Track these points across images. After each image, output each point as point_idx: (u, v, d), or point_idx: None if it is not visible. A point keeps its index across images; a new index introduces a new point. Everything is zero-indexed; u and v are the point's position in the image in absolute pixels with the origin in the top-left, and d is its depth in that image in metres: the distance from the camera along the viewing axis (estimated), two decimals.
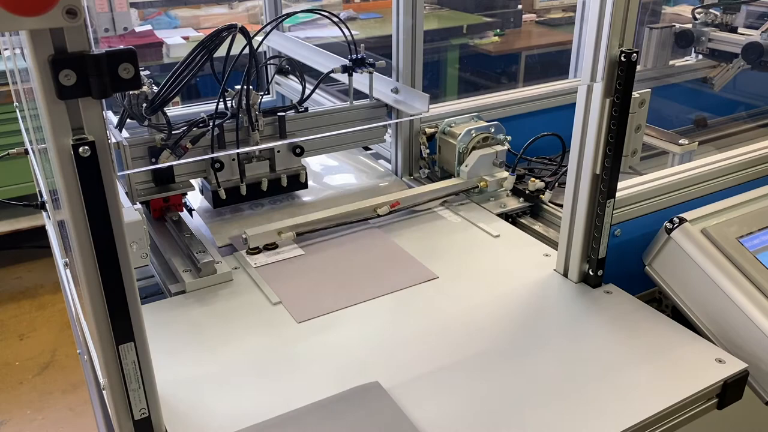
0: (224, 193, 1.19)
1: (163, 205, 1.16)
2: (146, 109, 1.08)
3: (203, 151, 1.14)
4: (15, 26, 0.51)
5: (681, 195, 1.08)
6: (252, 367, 0.87)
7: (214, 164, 1.15)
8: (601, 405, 0.80)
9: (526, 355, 0.88)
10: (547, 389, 0.82)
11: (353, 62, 1.28)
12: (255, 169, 1.20)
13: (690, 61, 1.86)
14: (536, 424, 0.77)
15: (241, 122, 1.15)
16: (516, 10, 3.58)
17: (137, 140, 1.12)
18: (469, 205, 1.29)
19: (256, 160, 1.20)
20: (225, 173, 1.18)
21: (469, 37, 3.34)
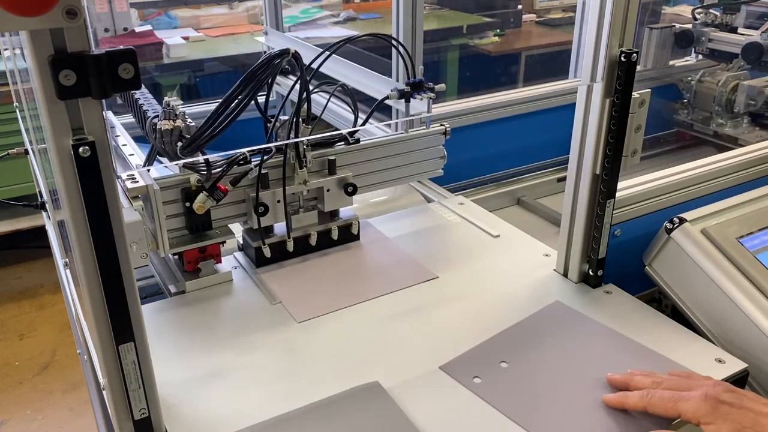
0: (269, 251, 1.04)
1: (199, 256, 1.02)
2: (182, 148, 0.93)
3: (243, 192, 1.01)
4: (15, 26, 0.51)
5: (681, 195, 1.08)
6: (252, 367, 0.87)
7: (257, 208, 1.00)
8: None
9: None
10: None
11: (411, 86, 1.13)
12: (302, 221, 1.06)
13: (690, 61, 1.86)
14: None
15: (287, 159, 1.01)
16: (516, 11, 3.58)
17: (169, 182, 0.96)
18: (468, 205, 1.29)
19: (303, 211, 1.06)
20: (269, 218, 1.02)
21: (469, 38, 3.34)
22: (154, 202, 0.93)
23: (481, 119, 1.49)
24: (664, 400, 0.72)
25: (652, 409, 0.73)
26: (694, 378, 0.76)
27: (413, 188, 1.36)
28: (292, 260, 1.09)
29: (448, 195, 1.34)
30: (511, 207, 1.50)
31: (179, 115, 0.95)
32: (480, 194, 1.46)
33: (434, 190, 1.36)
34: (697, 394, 0.71)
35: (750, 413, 0.68)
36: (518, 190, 1.51)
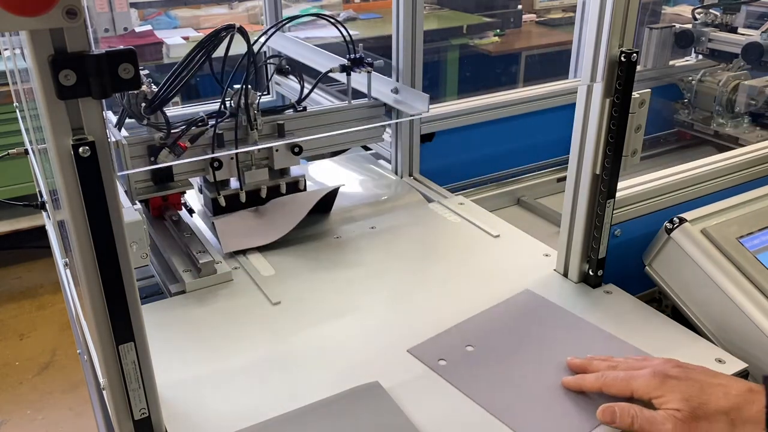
0: (224, 200, 1.19)
1: (162, 204, 1.16)
2: (145, 108, 1.08)
3: (202, 150, 1.15)
4: (15, 26, 0.51)
5: (681, 195, 1.08)
6: (252, 367, 0.87)
7: (213, 163, 1.15)
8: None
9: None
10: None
11: (351, 62, 1.28)
12: (254, 176, 1.20)
13: (690, 61, 1.86)
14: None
15: (240, 122, 1.15)
16: (516, 11, 3.58)
17: (136, 139, 1.11)
18: (468, 205, 1.30)
19: (255, 167, 1.20)
20: (223, 173, 1.17)
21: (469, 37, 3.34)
22: (123, 156, 1.06)
23: (481, 119, 1.49)
24: (617, 380, 0.75)
25: (607, 389, 0.76)
26: (647, 360, 0.79)
27: (413, 188, 1.36)
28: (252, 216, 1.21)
29: (448, 195, 1.34)
30: (511, 207, 1.50)
31: (144, 82, 1.09)
32: (480, 194, 1.46)
33: (434, 190, 1.36)
34: (646, 372, 0.74)
35: (696, 384, 0.71)
36: (518, 190, 1.51)
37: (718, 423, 0.68)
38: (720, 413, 0.68)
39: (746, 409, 0.68)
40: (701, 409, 0.69)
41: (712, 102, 1.69)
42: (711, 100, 1.70)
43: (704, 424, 0.68)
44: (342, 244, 1.17)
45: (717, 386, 0.71)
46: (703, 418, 0.68)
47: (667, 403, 0.70)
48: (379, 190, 1.36)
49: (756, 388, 0.70)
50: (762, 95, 1.58)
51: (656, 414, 0.70)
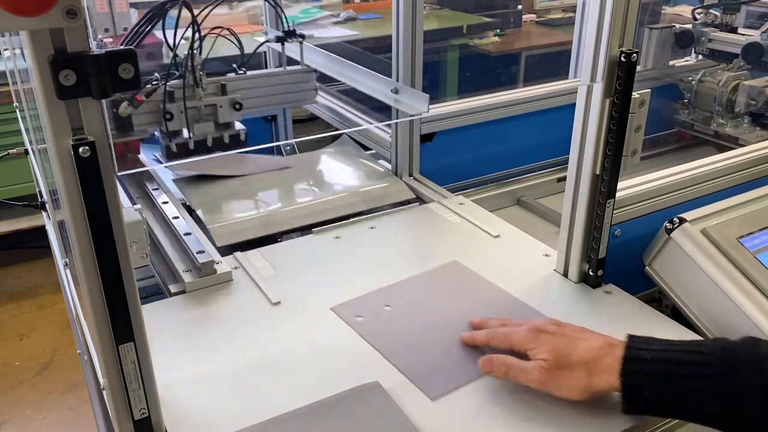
0: (175, 147, 1.35)
1: (123, 149, 1.34)
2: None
3: (157, 105, 1.30)
4: (15, 26, 0.51)
5: (681, 195, 1.08)
6: (252, 366, 0.87)
7: (165, 115, 1.31)
8: (601, 405, 0.80)
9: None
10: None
11: (285, 33, 1.51)
12: (202, 129, 1.36)
13: (690, 61, 1.86)
14: (536, 424, 0.77)
15: (187, 81, 1.31)
16: (516, 11, 3.57)
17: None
18: (468, 205, 1.30)
19: (203, 121, 1.36)
20: (174, 124, 1.33)
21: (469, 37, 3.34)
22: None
23: (481, 119, 1.49)
24: (501, 335, 0.85)
25: (493, 343, 0.86)
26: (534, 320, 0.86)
27: (412, 188, 1.36)
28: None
29: (448, 195, 1.34)
30: (511, 207, 1.50)
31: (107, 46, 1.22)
32: (480, 194, 1.46)
33: (434, 190, 1.36)
34: (525, 327, 0.83)
35: (565, 338, 0.79)
36: (518, 190, 1.51)
37: (578, 371, 0.75)
38: (581, 363, 0.76)
39: (603, 360, 0.75)
40: (565, 359, 0.77)
41: (712, 102, 1.69)
42: (711, 100, 1.70)
43: (566, 372, 0.76)
44: (342, 244, 1.17)
45: (582, 341, 0.78)
46: (566, 367, 0.76)
47: (537, 354, 0.79)
48: (379, 190, 1.36)
49: (615, 343, 0.76)
50: (762, 95, 1.58)
51: (527, 364, 0.79)
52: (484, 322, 0.91)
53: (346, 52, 1.30)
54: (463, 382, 0.83)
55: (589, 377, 0.75)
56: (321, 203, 1.30)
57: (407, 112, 1.25)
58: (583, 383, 0.75)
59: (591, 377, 0.75)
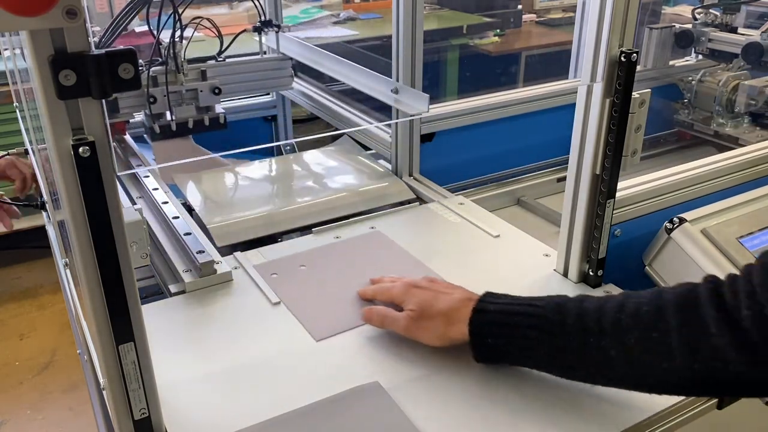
0: (158, 129, 1.40)
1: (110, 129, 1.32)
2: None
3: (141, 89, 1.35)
4: (15, 26, 0.51)
5: (681, 195, 1.08)
6: (252, 367, 0.87)
7: (149, 99, 1.37)
8: (601, 405, 0.80)
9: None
10: (547, 389, 0.82)
11: (262, 23, 1.61)
12: (183, 112, 1.42)
13: (690, 61, 1.86)
14: (536, 424, 0.77)
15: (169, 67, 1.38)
16: (516, 11, 3.57)
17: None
18: (468, 205, 1.30)
19: (185, 104, 1.42)
20: (158, 107, 1.38)
21: (469, 37, 3.34)
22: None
23: (481, 119, 1.49)
24: (383, 290, 0.96)
25: (379, 297, 0.97)
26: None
27: (412, 188, 1.36)
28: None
29: (448, 195, 1.34)
30: (511, 207, 1.50)
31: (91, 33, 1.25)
32: (480, 194, 1.46)
33: (434, 190, 1.36)
34: (401, 283, 0.93)
35: (432, 293, 0.88)
36: (518, 190, 1.51)
37: (437, 321, 0.85)
38: (440, 314, 0.85)
39: (459, 311, 0.83)
40: (428, 311, 0.86)
41: (712, 102, 1.69)
42: (711, 100, 1.70)
43: (428, 321, 0.86)
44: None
45: (446, 295, 0.87)
46: (428, 317, 0.86)
47: (407, 305, 0.89)
48: (379, 190, 1.36)
49: (473, 297, 0.85)
50: (762, 95, 1.58)
51: (397, 314, 0.90)
52: (378, 279, 1.02)
53: (347, 52, 1.30)
54: (347, 327, 0.94)
55: (446, 326, 0.84)
56: (321, 203, 1.30)
57: (407, 112, 1.26)
58: (440, 331, 0.85)
59: (447, 326, 0.84)
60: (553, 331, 0.76)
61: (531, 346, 0.78)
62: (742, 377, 0.65)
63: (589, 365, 0.75)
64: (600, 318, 0.73)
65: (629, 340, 0.70)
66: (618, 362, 0.72)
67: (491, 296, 0.84)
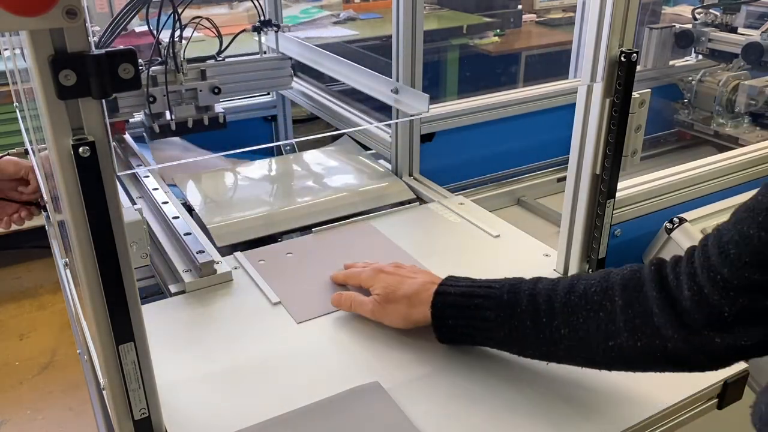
0: (158, 128, 1.40)
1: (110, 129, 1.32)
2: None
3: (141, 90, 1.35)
4: (15, 26, 0.51)
5: (681, 195, 1.08)
6: (252, 367, 0.87)
7: (148, 98, 1.36)
8: (601, 405, 0.80)
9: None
10: (547, 389, 0.82)
11: (261, 23, 1.61)
12: (183, 111, 1.41)
13: (690, 61, 1.86)
14: (536, 425, 0.77)
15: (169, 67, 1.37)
16: (516, 11, 3.57)
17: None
18: (468, 205, 1.29)
19: (184, 104, 1.42)
20: (157, 106, 1.37)
21: (469, 38, 3.33)
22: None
23: (481, 119, 1.49)
24: (353, 274, 0.99)
25: (349, 282, 1.01)
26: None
27: (412, 188, 1.36)
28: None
29: (448, 195, 1.34)
30: (511, 207, 1.50)
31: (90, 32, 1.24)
32: (480, 194, 1.46)
33: (434, 190, 1.36)
34: (369, 268, 0.97)
35: (398, 277, 0.92)
36: (518, 190, 1.51)
37: (401, 304, 0.89)
38: (404, 297, 0.89)
39: (422, 294, 0.87)
40: (393, 294, 0.90)
41: (712, 102, 1.69)
42: (711, 100, 1.70)
43: (392, 304, 0.90)
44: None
45: (410, 279, 0.91)
46: (392, 300, 0.90)
47: (374, 290, 0.93)
48: (379, 190, 1.36)
49: (436, 281, 0.88)
50: (762, 95, 1.58)
51: (364, 298, 0.94)
52: (351, 265, 1.05)
53: (347, 52, 1.30)
54: (326, 311, 0.98)
55: (409, 309, 0.88)
56: (321, 203, 1.30)
57: (407, 112, 1.26)
58: (403, 313, 0.88)
59: (410, 308, 0.88)
60: (508, 313, 0.79)
61: (489, 328, 0.81)
62: (680, 354, 0.68)
63: (541, 344, 0.78)
64: (551, 298, 0.76)
65: (577, 320, 0.74)
66: (568, 341, 0.75)
67: (453, 279, 0.88)
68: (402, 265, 0.98)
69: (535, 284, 0.80)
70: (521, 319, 0.78)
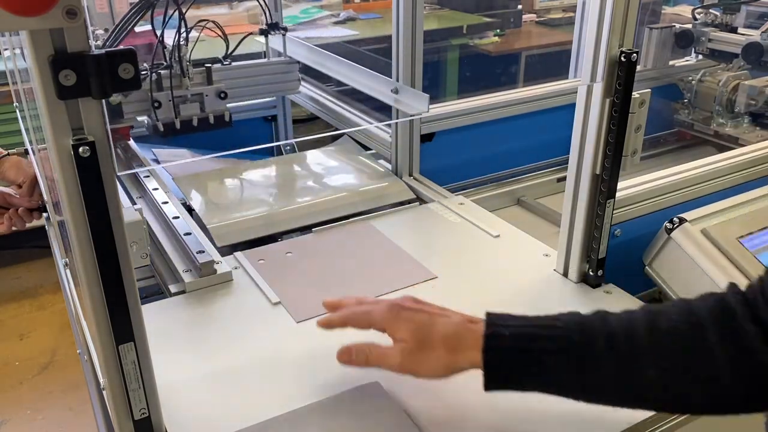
0: (162, 126, 1.38)
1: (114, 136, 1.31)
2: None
3: (146, 94, 1.34)
4: (15, 26, 0.51)
5: (681, 195, 1.08)
6: (252, 367, 0.87)
7: (153, 103, 1.35)
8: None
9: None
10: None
11: (268, 26, 1.59)
12: (188, 110, 1.40)
13: (690, 61, 1.86)
14: (536, 424, 0.77)
15: (174, 71, 1.36)
16: (516, 10, 3.57)
17: None
18: (468, 205, 1.29)
19: (189, 102, 1.41)
20: (163, 111, 1.36)
21: (469, 37, 3.33)
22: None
23: (481, 119, 1.49)
24: (360, 314, 0.81)
25: (351, 323, 0.81)
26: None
27: (412, 188, 1.36)
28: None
29: (448, 195, 1.34)
30: (511, 207, 1.50)
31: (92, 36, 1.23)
32: (480, 194, 1.46)
33: (434, 190, 1.36)
34: (383, 305, 0.79)
35: (426, 314, 0.77)
36: (518, 190, 1.51)
37: (440, 350, 0.73)
38: (441, 341, 0.74)
39: (465, 337, 0.73)
40: (427, 339, 0.74)
41: (712, 102, 1.69)
42: (711, 100, 1.70)
43: (428, 351, 0.74)
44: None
45: (442, 317, 0.76)
46: (427, 347, 0.74)
47: (398, 333, 0.76)
48: (379, 190, 1.36)
49: (475, 320, 0.74)
50: (762, 95, 1.58)
51: (387, 349, 0.76)
52: (338, 302, 0.85)
53: (347, 52, 1.30)
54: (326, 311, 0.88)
55: (451, 355, 0.73)
56: (321, 203, 1.30)
57: (407, 112, 1.26)
58: (445, 361, 0.74)
59: (453, 355, 0.73)
60: (581, 357, 0.69)
61: (556, 372, 0.70)
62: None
63: (625, 390, 0.69)
64: (632, 338, 0.67)
65: (668, 361, 0.66)
66: (658, 385, 0.66)
67: (498, 317, 0.74)
68: (419, 300, 0.81)
69: (605, 321, 0.71)
70: (599, 363, 0.68)
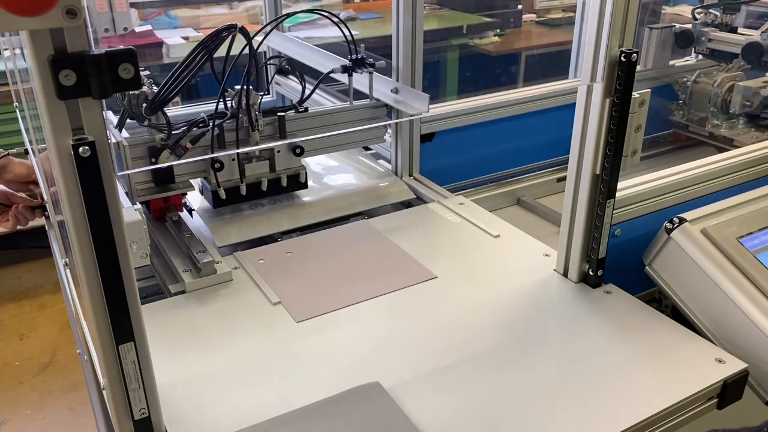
0: (224, 193, 1.18)
1: (163, 206, 1.17)
2: (146, 109, 1.09)
3: (203, 151, 1.14)
4: (15, 26, 0.51)
5: (681, 195, 1.08)
6: (252, 367, 0.87)
7: (214, 164, 1.15)
8: (601, 405, 0.80)
9: (525, 356, 0.88)
10: (547, 389, 0.82)
11: (353, 62, 1.28)
12: (255, 169, 1.20)
13: (690, 61, 1.86)
14: (536, 425, 0.77)
15: (241, 122, 1.14)
16: (516, 10, 3.57)
17: (137, 140, 1.12)
18: (468, 205, 1.30)
19: (256, 160, 1.19)
20: (225, 173, 1.17)
21: (469, 37, 3.34)
22: (124, 157, 1.08)
23: (481, 119, 1.49)
24: None
25: None
26: None
27: (412, 188, 1.36)
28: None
29: (448, 195, 1.34)
30: (511, 207, 1.50)
31: (145, 83, 1.09)
32: (480, 194, 1.46)
33: (434, 190, 1.36)
34: None
35: None
36: (518, 190, 1.51)
37: None
38: None
39: None
40: None
41: (707, 103, 1.69)
42: (706, 101, 1.70)
43: None
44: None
45: None
46: None
47: None
48: (379, 190, 1.36)
49: None
50: (757, 96, 1.58)
51: None
52: None
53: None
54: (328, 309, 0.97)
55: None
56: (321, 203, 1.30)
57: (407, 112, 1.26)
58: None
59: None
60: None
61: None
62: None
63: None
64: None
65: None
66: None
67: None
68: None
69: None
70: None
